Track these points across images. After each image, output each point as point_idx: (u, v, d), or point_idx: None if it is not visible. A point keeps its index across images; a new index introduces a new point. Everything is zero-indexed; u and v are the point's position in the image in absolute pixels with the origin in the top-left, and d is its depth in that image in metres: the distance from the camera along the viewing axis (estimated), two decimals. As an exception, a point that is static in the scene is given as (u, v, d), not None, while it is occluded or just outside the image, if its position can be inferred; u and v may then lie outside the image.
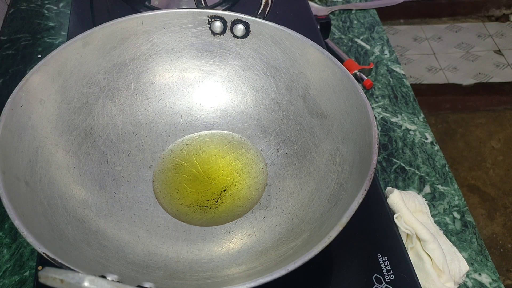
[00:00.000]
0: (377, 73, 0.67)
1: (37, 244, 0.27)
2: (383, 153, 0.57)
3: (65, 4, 0.74)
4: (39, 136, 0.37)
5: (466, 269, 0.45)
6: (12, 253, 0.45)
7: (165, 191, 0.41)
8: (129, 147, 0.43)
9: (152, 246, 0.37)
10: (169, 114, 0.46)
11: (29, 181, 0.34)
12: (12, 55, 0.66)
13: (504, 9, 1.89)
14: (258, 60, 0.45)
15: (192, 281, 0.34)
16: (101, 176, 0.40)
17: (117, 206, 0.39)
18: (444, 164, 0.56)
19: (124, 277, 0.31)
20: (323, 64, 0.40)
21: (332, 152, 0.39)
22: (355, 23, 0.74)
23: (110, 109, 0.43)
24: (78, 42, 0.40)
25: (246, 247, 0.37)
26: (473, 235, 0.50)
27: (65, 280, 0.21)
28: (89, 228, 0.36)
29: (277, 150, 0.44)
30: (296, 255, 0.30)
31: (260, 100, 0.46)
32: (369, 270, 0.39)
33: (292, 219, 0.38)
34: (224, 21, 0.43)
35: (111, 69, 0.43)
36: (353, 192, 0.32)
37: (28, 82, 0.36)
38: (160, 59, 0.45)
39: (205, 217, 0.40)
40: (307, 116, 0.43)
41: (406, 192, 0.51)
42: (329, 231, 0.28)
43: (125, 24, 0.42)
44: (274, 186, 0.42)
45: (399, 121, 0.61)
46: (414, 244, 0.45)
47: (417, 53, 1.74)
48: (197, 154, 0.44)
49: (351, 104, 0.38)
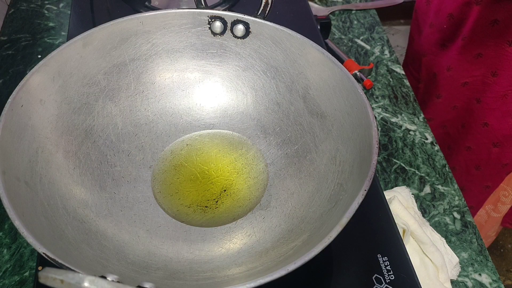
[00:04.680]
0: (377, 73, 0.67)
1: (37, 244, 0.27)
2: (383, 153, 0.57)
3: (65, 4, 0.74)
4: (39, 137, 0.37)
5: (456, 260, 0.46)
6: (12, 253, 0.45)
7: (165, 191, 0.41)
8: (129, 147, 0.43)
9: (152, 246, 0.37)
10: (169, 114, 0.46)
11: (29, 181, 0.34)
12: (12, 55, 0.66)
13: (504, 9, 1.89)
14: (258, 60, 0.45)
15: (192, 281, 0.34)
16: (101, 176, 0.40)
17: (117, 206, 0.39)
18: (444, 164, 0.56)
19: (124, 277, 0.31)
20: (323, 64, 0.40)
21: (332, 152, 0.39)
22: (355, 23, 0.74)
23: (110, 109, 0.43)
24: (78, 43, 0.40)
25: (246, 248, 0.37)
26: (473, 235, 0.50)
27: (65, 280, 0.21)
28: (89, 228, 0.36)
29: (277, 150, 0.44)
30: (296, 255, 0.30)
31: (260, 100, 0.46)
32: (369, 270, 0.39)
33: (292, 219, 0.38)
34: (224, 21, 0.43)
35: (111, 69, 0.43)
36: (353, 192, 0.32)
37: (28, 82, 0.36)
38: (160, 59, 0.45)
39: (205, 217, 0.40)
40: (307, 116, 0.43)
41: (398, 189, 0.52)
42: (329, 232, 0.28)
43: (125, 25, 0.42)
44: (274, 186, 0.42)
45: (399, 121, 0.61)
46: (409, 239, 0.46)
47: (417, 53, 1.73)
48: (197, 154, 0.44)
49: (351, 104, 0.38)
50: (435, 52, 0.71)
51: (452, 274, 0.46)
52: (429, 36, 0.71)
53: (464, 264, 0.48)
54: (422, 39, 0.74)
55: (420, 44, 0.75)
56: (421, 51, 0.75)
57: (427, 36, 0.72)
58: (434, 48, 0.71)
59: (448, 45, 0.68)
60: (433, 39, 0.71)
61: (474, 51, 0.64)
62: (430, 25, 0.70)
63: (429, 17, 0.70)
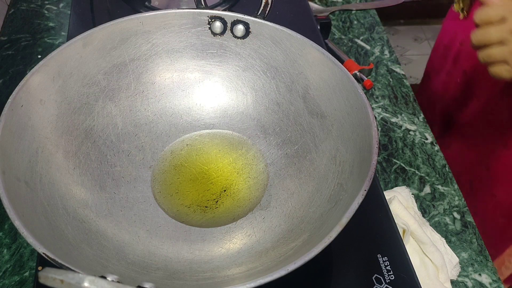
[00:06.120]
0: (377, 73, 0.67)
1: (37, 245, 0.27)
2: (383, 153, 0.57)
3: (65, 5, 0.74)
4: (39, 137, 0.37)
5: (456, 260, 0.46)
6: (12, 253, 0.45)
7: (165, 191, 0.41)
8: (129, 148, 0.43)
9: (152, 246, 0.37)
10: (169, 115, 0.46)
11: (29, 181, 0.34)
12: (12, 55, 0.66)
13: (504, 9, 1.89)
14: (258, 61, 0.45)
15: (192, 281, 0.34)
16: (101, 176, 0.40)
17: (117, 207, 0.39)
18: (444, 165, 0.56)
19: (124, 277, 0.31)
20: (323, 64, 0.40)
21: (332, 153, 0.39)
22: (355, 23, 0.74)
23: (110, 110, 0.43)
24: (78, 43, 0.40)
25: (246, 248, 0.37)
26: (473, 235, 0.50)
27: (65, 281, 0.21)
28: (89, 229, 0.36)
29: (277, 150, 0.44)
30: (296, 255, 0.30)
31: (260, 100, 0.46)
32: (369, 270, 0.39)
33: (292, 219, 0.38)
34: (224, 21, 0.43)
35: (111, 69, 0.43)
36: (353, 192, 0.32)
37: (28, 82, 0.36)
38: (160, 60, 0.45)
39: (205, 217, 0.40)
40: (307, 116, 0.43)
41: (398, 189, 0.52)
42: (329, 232, 0.28)
43: (125, 25, 0.42)
44: (274, 186, 0.42)
45: (399, 121, 0.61)
46: (409, 239, 0.45)
47: (417, 53, 1.74)
48: (197, 154, 0.44)
49: (351, 105, 0.38)
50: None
51: (452, 274, 0.46)
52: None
53: (464, 264, 0.48)
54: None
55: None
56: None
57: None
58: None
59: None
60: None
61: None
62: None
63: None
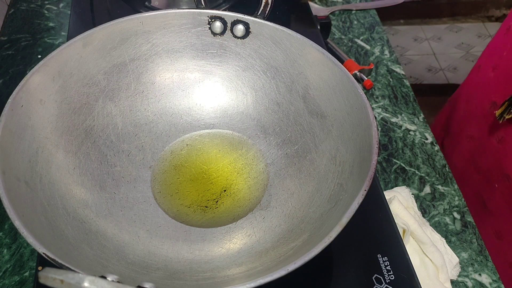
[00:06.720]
0: (377, 73, 0.67)
1: (37, 245, 0.27)
2: (383, 153, 0.57)
3: (65, 5, 0.74)
4: (39, 137, 0.37)
5: (456, 260, 0.46)
6: (12, 253, 0.45)
7: (165, 191, 0.41)
8: (129, 148, 0.43)
9: (152, 246, 0.37)
10: (169, 115, 0.46)
11: (29, 181, 0.34)
12: (12, 55, 0.66)
13: (504, 9, 1.89)
14: (258, 60, 0.45)
15: (192, 281, 0.34)
16: (101, 176, 0.40)
17: (117, 207, 0.39)
18: (444, 165, 0.56)
19: (124, 277, 0.31)
20: (323, 64, 0.40)
21: (332, 153, 0.39)
22: (355, 23, 0.74)
23: (110, 110, 0.43)
24: (78, 43, 0.40)
25: (246, 248, 0.37)
26: (473, 235, 0.50)
27: (65, 281, 0.21)
28: (89, 229, 0.36)
29: (277, 150, 0.44)
30: (296, 255, 0.30)
31: (260, 100, 0.46)
32: (369, 271, 0.39)
33: (292, 219, 0.38)
34: (224, 21, 0.43)
35: (111, 69, 0.43)
36: (353, 192, 0.32)
37: (28, 82, 0.36)
38: (160, 60, 0.45)
39: (205, 217, 0.40)
40: (307, 116, 0.43)
41: (398, 189, 0.52)
42: (329, 232, 0.28)
43: (125, 25, 0.42)
44: (274, 186, 0.42)
45: (399, 121, 0.61)
46: (409, 239, 0.45)
47: (417, 53, 1.74)
48: (197, 154, 0.44)
49: (351, 104, 0.38)
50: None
51: (452, 274, 0.46)
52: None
53: (464, 264, 0.48)
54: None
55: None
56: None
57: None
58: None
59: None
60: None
61: None
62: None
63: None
